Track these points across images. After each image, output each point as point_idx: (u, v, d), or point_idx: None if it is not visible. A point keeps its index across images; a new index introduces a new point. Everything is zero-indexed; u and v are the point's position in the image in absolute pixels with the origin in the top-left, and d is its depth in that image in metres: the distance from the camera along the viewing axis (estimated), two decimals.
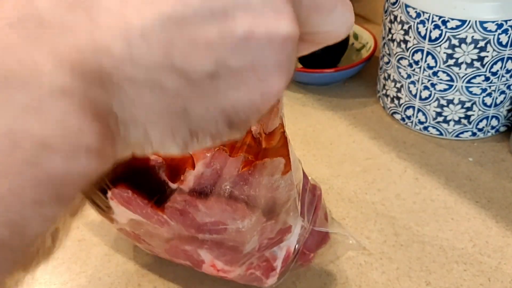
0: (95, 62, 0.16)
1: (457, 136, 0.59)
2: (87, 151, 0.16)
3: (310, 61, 0.67)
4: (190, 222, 0.37)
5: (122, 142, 0.18)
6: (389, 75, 0.61)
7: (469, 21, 0.52)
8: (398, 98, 0.61)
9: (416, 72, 0.57)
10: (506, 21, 0.52)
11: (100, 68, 0.16)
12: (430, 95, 0.57)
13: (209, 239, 0.38)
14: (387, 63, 0.61)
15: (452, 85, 0.56)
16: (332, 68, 0.66)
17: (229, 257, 0.39)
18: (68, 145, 0.16)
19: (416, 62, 0.57)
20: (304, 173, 0.43)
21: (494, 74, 0.55)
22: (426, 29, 0.54)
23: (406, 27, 0.56)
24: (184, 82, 0.17)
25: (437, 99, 0.57)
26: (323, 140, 0.60)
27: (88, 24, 0.16)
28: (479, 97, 0.56)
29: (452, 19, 0.52)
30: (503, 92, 0.56)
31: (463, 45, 0.53)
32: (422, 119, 0.59)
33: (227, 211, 0.37)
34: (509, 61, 0.54)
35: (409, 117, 0.61)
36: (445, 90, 0.56)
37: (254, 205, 0.37)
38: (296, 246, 0.41)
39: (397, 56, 0.59)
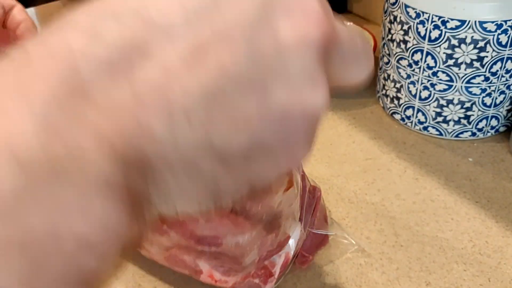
0: (137, 148, 0.16)
1: (456, 136, 0.59)
2: (121, 242, 0.16)
3: None
4: (190, 234, 0.37)
5: (148, 217, 0.17)
6: (388, 75, 0.61)
7: (469, 21, 0.52)
8: (398, 98, 0.61)
9: (416, 72, 0.57)
10: (505, 21, 0.52)
11: (142, 155, 0.16)
12: (429, 95, 0.57)
13: (208, 251, 0.38)
14: (387, 63, 0.61)
15: (451, 85, 0.56)
16: None
17: (227, 268, 0.39)
18: (105, 243, 0.15)
19: (416, 62, 0.57)
20: (304, 174, 0.43)
21: (493, 74, 0.55)
22: (426, 29, 0.54)
23: (405, 27, 0.56)
24: (219, 163, 0.17)
25: (437, 99, 0.57)
26: (323, 140, 0.60)
27: (130, 100, 0.16)
28: (479, 97, 0.56)
29: (452, 19, 0.52)
30: (502, 92, 0.56)
31: (462, 45, 0.53)
32: (422, 119, 0.59)
33: (227, 225, 0.36)
34: (509, 61, 0.54)
35: (408, 117, 0.61)
36: (444, 90, 0.56)
37: (255, 220, 0.37)
38: (295, 250, 0.41)
39: (397, 56, 0.59)
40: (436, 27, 0.53)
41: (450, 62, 0.54)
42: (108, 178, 0.15)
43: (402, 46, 0.57)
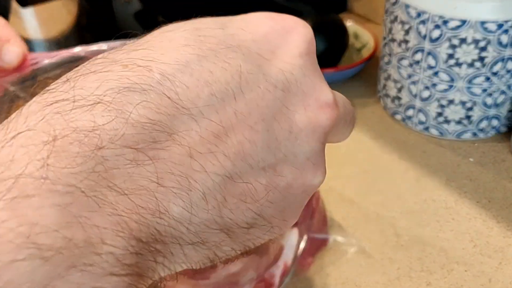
0: (153, 229, 0.16)
1: (457, 136, 0.59)
2: None
3: None
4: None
5: (149, 281, 0.18)
6: (389, 75, 0.61)
7: (470, 21, 0.52)
8: (399, 98, 0.61)
9: (417, 72, 0.57)
10: (506, 21, 0.52)
11: (157, 234, 0.16)
12: (430, 96, 0.57)
13: (202, 284, 0.38)
14: (388, 63, 0.61)
15: (452, 85, 0.56)
16: (332, 68, 0.65)
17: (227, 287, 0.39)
18: None
19: (417, 62, 0.57)
20: None
21: (494, 74, 0.54)
22: (427, 29, 0.54)
23: (406, 27, 0.56)
24: (225, 234, 0.18)
25: (438, 99, 0.57)
26: None
27: (152, 183, 0.16)
28: (480, 97, 0.56)
29: (453, 19, 0.52)
30: (503, 92, 0.56)
31: (463, 45, 0.53)
32: (423, 119, 0.59)
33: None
34: (510, 61, 0.54)
35: (409, 118, 0.60)
36: (445, 90, 0.56)
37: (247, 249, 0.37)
38: (293, 256, 0.41)
39: (398, 56, 0.58)
40: (437, 27, 0.53)
41: (451, 62, 0.54)
42: (121, 259, 0.15)
43: (403, 46, 0.57)
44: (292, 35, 0.21)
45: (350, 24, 0.71)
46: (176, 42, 0.18)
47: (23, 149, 0.15)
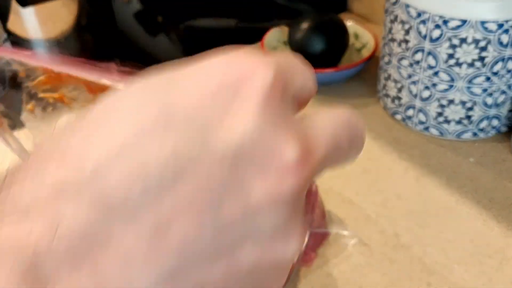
0: None
1: (458, 136, 0.59)
2: None
3: (310, 61, 0.67)
4: None
5: None
6: (389, 75, 0.61)
7: (470, 21, 0.52)
8: (399, 98, 0.61)
9: (417, 72, 0.57)
10: (507, 21, 0.51)
11: None
12: (430, 95, 0.57)
13: None
14: (388, 63, 0.61)
15: (453, 85, 0.56)
16: (333, 68, 0.65)
17: None
18: None
19: (417, 62, 0.56)
20: None
21: (495, 74, 0.54)
22: (427, 29, 0.54)
23: (406, 27, 0.56)
24: None
25: (438, 99, 0.57)
26: None
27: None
28: (480, 97, 0.56)
29: (453, 19, 0.52)
30: (504, 92, 0.56)
31: (463, 45, 0.53)
32: (423, 119, 0.59)
33: None
34: (510, 61, 0.54)
35: (410, 118, 0.60)
36: (445, 90, 0.56)
37: None
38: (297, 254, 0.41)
39: (398, 56, 0.58)
40: (437, 26, 0.53)
41: (451, 62, 0.54)
42: None
43: (403, 45, 0.57)
44: (246, 85, 0.17)
45: (350, 24, 0.71)
46: (116, 115, 0.16)
47: None
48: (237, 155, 0.16)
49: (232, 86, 0.17)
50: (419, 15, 0.54)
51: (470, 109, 0.57)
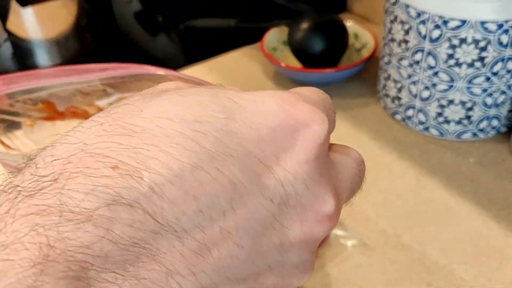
0: None
1: (457, 136, 0.59)
2: None
3: (310, 61, 0.67)
4: None
5: None
6: (389, 75, 0.61)
7: (470, 21, 0.52)
8: (399, 99, 0.61)
9: (417, 72, 0.57)
10: (506, 21, 0.52)
11: None
12: (430, 96, 0.57)
13: None
14: (388, 63, 0.61)
15: (452, 86, 0.56)
16: (332, 68, 0.65)
17: None
18: None
19: (417, 62, 0.56)
20: None
21: (494, 74, 0.54)
22: (427, 29, 0.54)
23: (406, 27, 0.56)
24: None
25: (438, 99, 0.57)
26: None
27: None
28: (480, 98, 0.56)
29: (453, 19, 0.52)
30: (503, 93, 0.56)
31: (463, 45, 0.53)
32: (423, 119, 0.59)
33: None
34: (510, 61, 0.54)
35: (409, 118, 0.60)
36: (445, 90, 0.56)
37: None
38: None
39: (398, 56, 0.58)
40: (437, 27, 0.53)
41: (451, 62, 0.54)
42: None
43: (403, 46, 0.57)
44: (303, 134, 0.18)
45: (350, 24, 0.71)
46: (170, 139, 0.17)
47: (9, 263, 0.14)
48: (285, 197, 0.18)
49: (291, 129, 0.18)
50: (419, 15, 0.54)
51: (470, 109, 0.57)
